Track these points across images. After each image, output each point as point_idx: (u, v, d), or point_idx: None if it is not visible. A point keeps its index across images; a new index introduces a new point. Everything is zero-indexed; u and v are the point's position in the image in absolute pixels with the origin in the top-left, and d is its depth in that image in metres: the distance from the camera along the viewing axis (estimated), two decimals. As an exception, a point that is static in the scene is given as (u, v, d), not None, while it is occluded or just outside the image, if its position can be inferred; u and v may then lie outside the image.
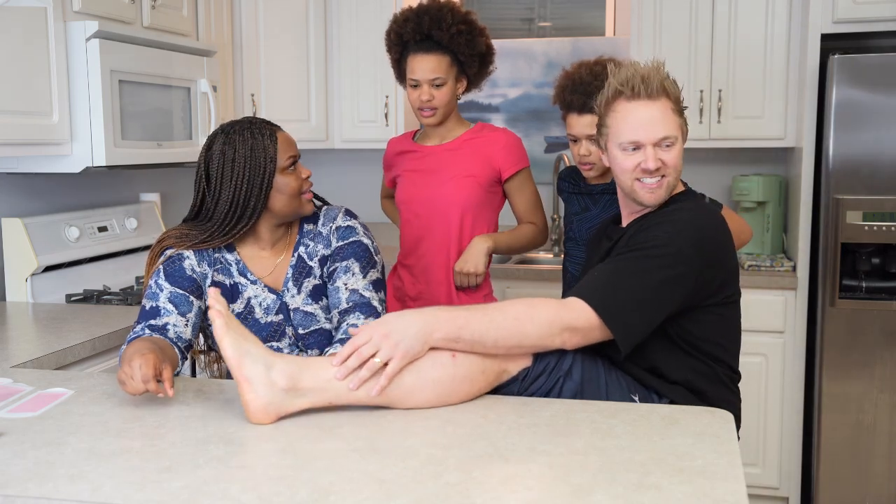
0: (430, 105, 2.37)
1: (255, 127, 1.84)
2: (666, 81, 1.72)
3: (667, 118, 1.71)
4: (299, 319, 1.90)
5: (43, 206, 2.96)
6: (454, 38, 2.34)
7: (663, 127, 1.70)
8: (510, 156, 2.45)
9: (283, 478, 1.23)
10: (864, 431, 3.14)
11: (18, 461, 1.30)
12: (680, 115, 1.74)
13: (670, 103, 1.72)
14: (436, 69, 2.34)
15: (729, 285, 1.71)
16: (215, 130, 1.86)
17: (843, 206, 3.10)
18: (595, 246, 1.93)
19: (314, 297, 1.92)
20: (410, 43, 2.37)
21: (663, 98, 1.71)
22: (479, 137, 2.47)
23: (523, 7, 4.26)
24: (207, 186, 1.84)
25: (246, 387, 1.46)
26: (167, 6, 3.07)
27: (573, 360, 1.64)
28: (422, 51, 2.35)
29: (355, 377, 1.49)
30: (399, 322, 1.51)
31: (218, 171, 1.82)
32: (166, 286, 1.83)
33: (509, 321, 1.55)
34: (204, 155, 1.85)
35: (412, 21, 2.34)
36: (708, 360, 1.70)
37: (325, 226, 1.94)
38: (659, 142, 1.70)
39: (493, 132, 2.48)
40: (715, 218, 1.72)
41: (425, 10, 2.35)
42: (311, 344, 1.91)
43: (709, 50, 3.47)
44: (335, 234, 1.92)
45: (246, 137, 1.82)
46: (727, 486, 1.20)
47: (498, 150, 2.44)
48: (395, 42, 2.40)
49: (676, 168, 1.73)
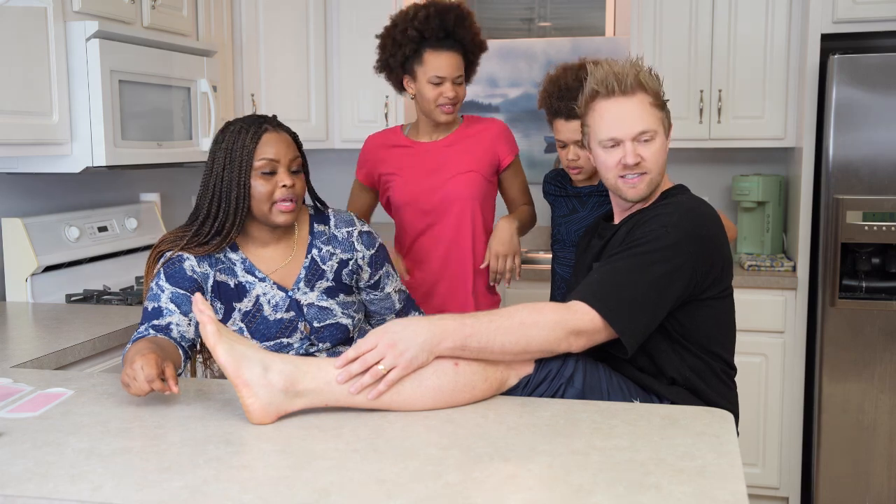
0: (453, 101, 2.41)
1: (248, 124, 1.83)
2: (642, 75, 1.74)
3: (644, 112, 1.72)
4: (314, 313, 1.90)
5: (43, 206, 2.96)
6: (472, 41, 2.41)
7: (640, 121, 1.71)
8: (508, 143, 2.55)
9: (283, 478, 1.23)
10: (864, 431, 3.14)
11: (18, 461, 1.30)
12: (660, 108, 1.75)
13: (648, 97, 1.73)
14: (459, 67, 2.41)
15: (724, 277, 1.72)
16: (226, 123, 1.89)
17: (843, 206, 3.10)
18: (585, 245, 1.94)
19: (329, 294, 1.93)
20: (431, 40, 2.38)
21: (640, 93, 1.73)
22: (474, 130, 2.52)
23: (523, 7, 4.26)
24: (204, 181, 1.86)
25: (245, 391, 1.45)
26: (167, 6, 3.07)
27: (575, 367, 1.64)
28: (445, 48, 2.38)
29: (357, 382, 1.49)
30: (405, 331, 1.50)
31: (208, 166, 1.84)
32: (167, 287, 1.82)
33: (515, 327, 1.54)
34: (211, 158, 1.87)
35: (435, 18, 2.35)
36: (705, 356, 1.71)
37: (339, 229, 1.96)
38: (637, 136, 1.72)
39: (484, 122, 2.56)
40: (707, 209, 1.73)
41: (447, 9, 2.38)
42: (324, 338, 1.91)
43: (709, 50, 3.47)
44: (359, 240, 1.96)
45: (233, 133, 1.82)
46: (727, 486, 1.20)
47: (496, 139, 2.52)
48: (413, 38, 2.38)
49: (657, 162, 1.74)
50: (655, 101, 1.74)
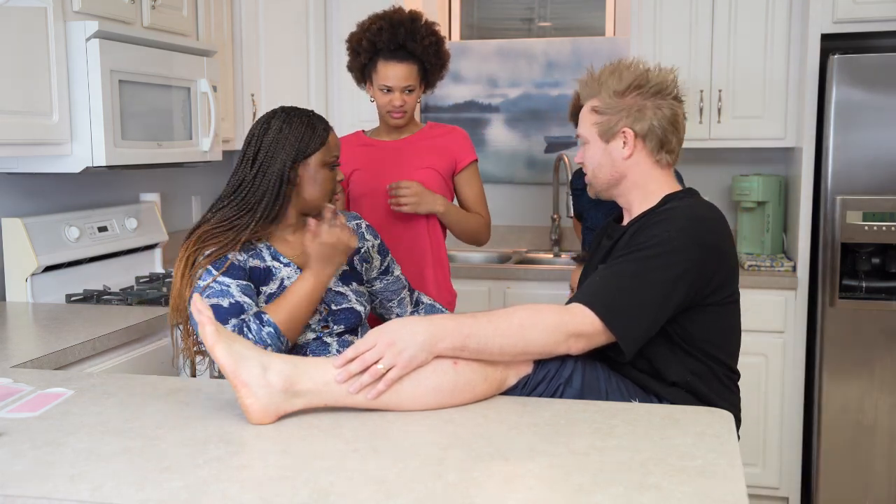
0: (401, 109, 2.52)
1: (316, 118, 1.96)
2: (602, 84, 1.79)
3: (584, 117, 1.82)
4: (331, 297, 1.99)
5: (43, 206, 2.96)
6: (426, 50, 2.49)
7: (579, 126, 1.84)
8: (465, 147, 2.61)
9: (283, 478, 1.23)
10: (864, 431, 3.14)
11: (18, 461, 1.30)
12: (601, 113, 1.77)
13: (596, 102, 1.80)
14: (408, 77, 2.49)
15: (729, 283, 1.71)
16: (275, 109, 1.96)
17: (843, 206, 3.10)
18: (597, 245, 1.94)
19: (344, 280, 2.02)
20: (384, 51, 2.47)
21: (592, 99, 1.81)
22: (433, 133, 2.62)
23: (523, 7, 4.26)
24: (253, 162, 1.91)
25: (244, 391, 1.45)
26: (167, 6, 3.07)
27: (574, 368, 1.64)
28: (395, 59, 2.47)
29: (356, 381, 1.49)
30: (404, 330, 1.51)
31: (272, 146, 1.90)
32: (230, 281, 1.85)
33: (514, 329, 1.54)
34: (260, 129, 1.93)
35: (387, 31, 2.45)
36: (707, 360, 1.70)
37: (349, 221, 2.09)
38: (580, 138, 1.83)
39: (445, 127, 2.66)
40: (714, 215, 1.72)
41: (399, 21, 2.46)
42: (339, 320, 1.98)
43: (709, 50, 3.47)
44: (368, 231, 2.14)
45: (304, 121, 1.93)
46: (727, 486, 1.20)
47: (453, 142, 2.60)
48: (367, 49, 2.50)
49: (589, 165, 1.82)
50: (602, 105, 1.78)
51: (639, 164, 1.78)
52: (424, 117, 4.17)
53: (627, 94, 1.76)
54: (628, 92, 1.76)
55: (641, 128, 1.75)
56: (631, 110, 1.75)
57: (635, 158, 1.77)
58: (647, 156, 1.77)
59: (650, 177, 1.78)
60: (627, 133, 1.76)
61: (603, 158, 1.78)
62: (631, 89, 1.75)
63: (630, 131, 1.75)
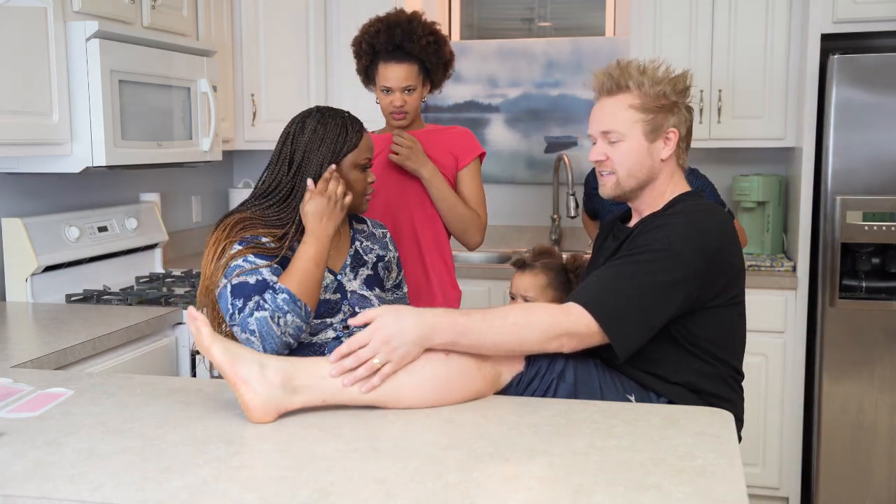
0: (402, 110, 2.53)
1: (350, 120, 2.00)
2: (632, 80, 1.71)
3: (616, 113, 1.71)
4: (356, 300, 2.01)
5: (43, 206, 2.96)
6: (424, 49, 2.49)
7: (605, 121, 1.72)
8: (468, 144, 2.61)
9: (283, 478, 1.23)
10: (864, 431, 3.14)
11: (18, 461, 1.30)
12: (645, 111, 1.70)
13: (632, 98, 1.71)
14: (408, 77, 2.50)
15: (733, 286, 1.69)
16: (309, 109, 1.99)
17: (843, 206, 3.10)
18: (600, 244, 1.93)
19: (368, 285, 2.05)
20: (382, 52, 2.49)
21: (623, 94, 1.72)
22: (436, 132, 2.63)
23: (523, 7, 4.26)
24: (290, 162, 1.92)
25: (243, 387, 1.45)
26: (167, 6, 3.07)
27: (565, 363, 1.64)
28: (394, 60, 2.48)
29: (350, 375, 1.49)
30: (398, 326, 1.51)
31: (308, 146, 1.92)
32: (261, 262, 1.84)
33: (508, 326, 1.55)
34: (296, 129, 1.94)
35: (384, 33, 2.47)
36: (712, 361, 1.69)
37: (375, 229, 2.16)
38: (603, 135, 1.73)
39: (448, 126, 2.67)
40: (716, 217, 1.70)
41: (396, 23, 2.48)
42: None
43: (709, 50, 3.47)
44: (391, 241, 2.19)
45: (338, 122, 1.96)
46: (727, 486, 1.20)
47: (456, 139, 2.60)
48: (367, 51, 2.53)
49: (624, 164, 1.72)
50: (643, 102, 1.70)
51: (668, 166, 1.75)
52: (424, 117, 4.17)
53: (668, 94, 1.72)
54: (669, 91, 1.72)
55: (682, 129, 1.73)
56: (674, 109, 1.72)
57: (670, 159, 1.75)
58: (676, 157, 1.75)
59: (672, 179, 1.76)
60: (673, 133, 1.72)
61: (645, 159, 1.72)
62: (671, 88, 1.72)
63: (676, 132, 1.72)
